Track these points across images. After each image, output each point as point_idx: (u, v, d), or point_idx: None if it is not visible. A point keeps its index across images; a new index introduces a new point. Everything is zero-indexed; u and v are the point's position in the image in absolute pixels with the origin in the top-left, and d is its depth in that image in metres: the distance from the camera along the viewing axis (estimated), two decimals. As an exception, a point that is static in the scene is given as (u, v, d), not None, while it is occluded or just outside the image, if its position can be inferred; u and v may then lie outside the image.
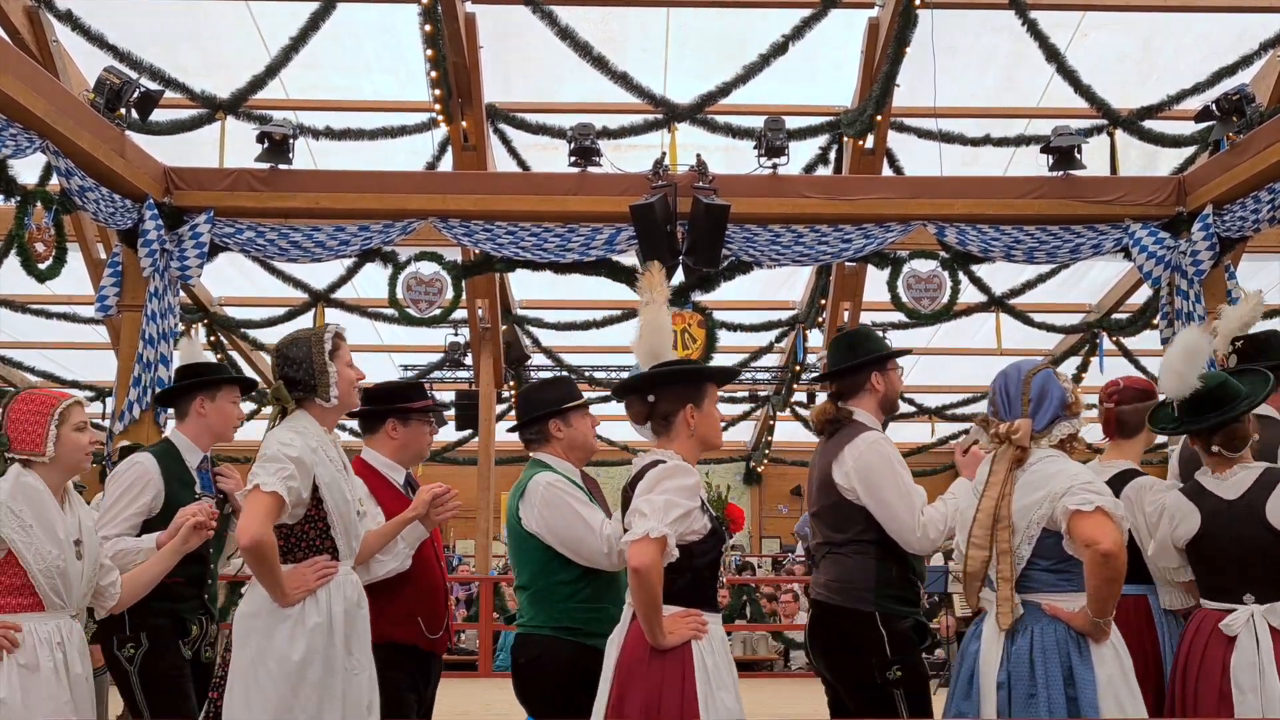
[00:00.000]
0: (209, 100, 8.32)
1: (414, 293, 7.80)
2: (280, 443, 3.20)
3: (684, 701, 2.95)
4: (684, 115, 8.57)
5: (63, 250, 6.50)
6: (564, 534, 3.60)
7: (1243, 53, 8.29)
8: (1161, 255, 7.50)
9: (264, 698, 3.09)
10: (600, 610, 3.60)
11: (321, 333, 3.42)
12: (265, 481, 3.11)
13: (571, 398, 3.88)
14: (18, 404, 3.29)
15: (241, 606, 3.24)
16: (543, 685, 3.62)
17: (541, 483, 3.65)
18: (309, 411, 3.36)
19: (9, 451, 3.25)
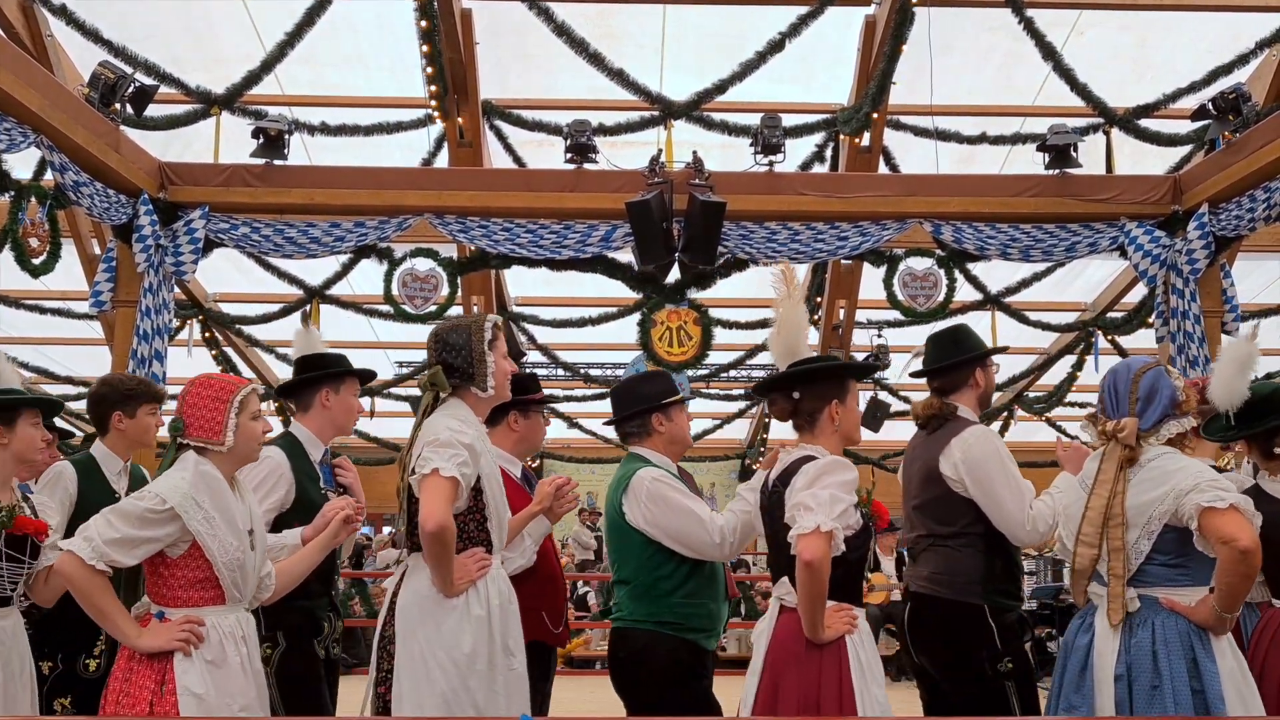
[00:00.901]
0: (204, 95, 8.29)
1: (409, 289, 7.79)
2: (450, 429, 3.14)
3: (841, 695, 2.98)
4: (680, 112, 8.56)
5: (57, 245, 6.48)
6: (673, 528, 3.60)
7: (1239, 51, 8.29)
8: (1157, 254, 7.51)
9: (434, 689, 3.05)
10: (701, 605, 3.63)
11: (481, 321, 3.35)
12: (444, 466, 3.04)
13: (673, 392, 3.87)
14: (197, 388, 3.11)
15: (402, 599, 3.16)
16: (645, 680, 3.60)
17: (646, 478, 3.65)
18: (464, 400, 3.29)
19: (184, 437, 3.07)
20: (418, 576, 3.16)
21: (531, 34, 8.52)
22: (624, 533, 3.69)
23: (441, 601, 3.11)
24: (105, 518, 2.92)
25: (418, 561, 3.19)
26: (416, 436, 3.23)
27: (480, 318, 3.37)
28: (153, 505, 2.93)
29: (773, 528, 3.24)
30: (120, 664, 2.99)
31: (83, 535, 2.90)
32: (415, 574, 3.17)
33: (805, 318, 3.48)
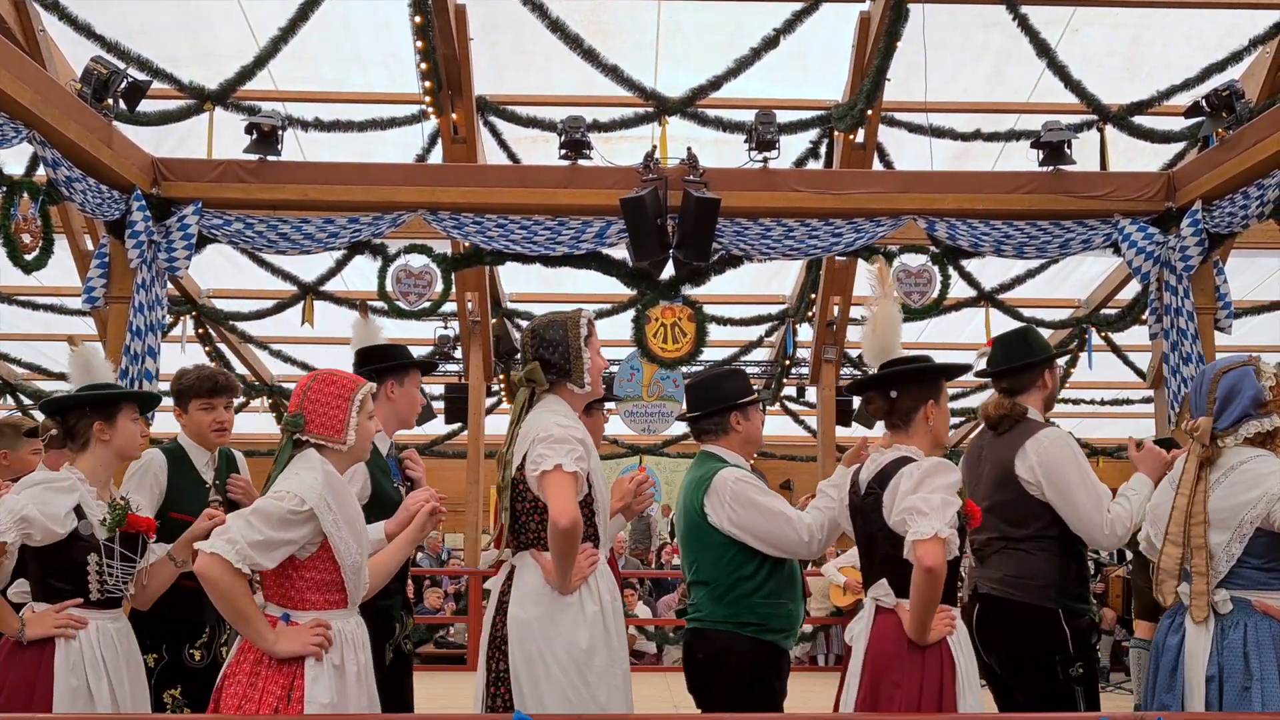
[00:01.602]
0: (197, 91, 8.27)
1: (403, 285, 7.78)
2: (560, 425, 3.11)
3: (943, 696, 3.00)
4: (675, 108, 8.55)
5: (49, 241, 6.47)
6: (760, 528, 3.58)
7: (1232, 48, 8.30)
8: (1150, 251, 7.52)
9: (555, 687, 3.03)
10: (781, 606, 3.62)
11: (577, 317, 3.33)
12: (565, 462, 3.01)
13: (750, 391, 3.85)
14: (319, 384, 3.02)
15: (515, 598, 3.12)
16: (725, 681, 3.57)
17: (730, 478, 3.62)
18: (561, 396, 3.27)
19: (304, 433, 2.99)
20: (528, 575, 3.13)
21: (526, 30, 8.50)
22: (704, 533, 3.65)
23: (556, 599, 3.09)
24: (246, 519, 2.83)
25: (525, 560, 3.17)
26: (517, 433, 3.20)
27: (576, 313, 3.36)
28: (294, 506, 2.85)
29: (868, 529, 3.23)
30: (244, 666, 2.88)
31: (224, 537, 2.80)
32: (524, 572, 3.15)
33: (899, 316, 3.44)
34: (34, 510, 3.18)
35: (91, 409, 3.39)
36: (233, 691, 2.86)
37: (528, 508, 3.16)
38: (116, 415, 3.41)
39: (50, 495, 3.24)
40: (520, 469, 3.14)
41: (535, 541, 3.15)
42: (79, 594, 3.30)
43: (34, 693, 3.14)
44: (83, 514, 3.28)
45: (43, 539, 3.21)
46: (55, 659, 3.20)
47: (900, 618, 3.07)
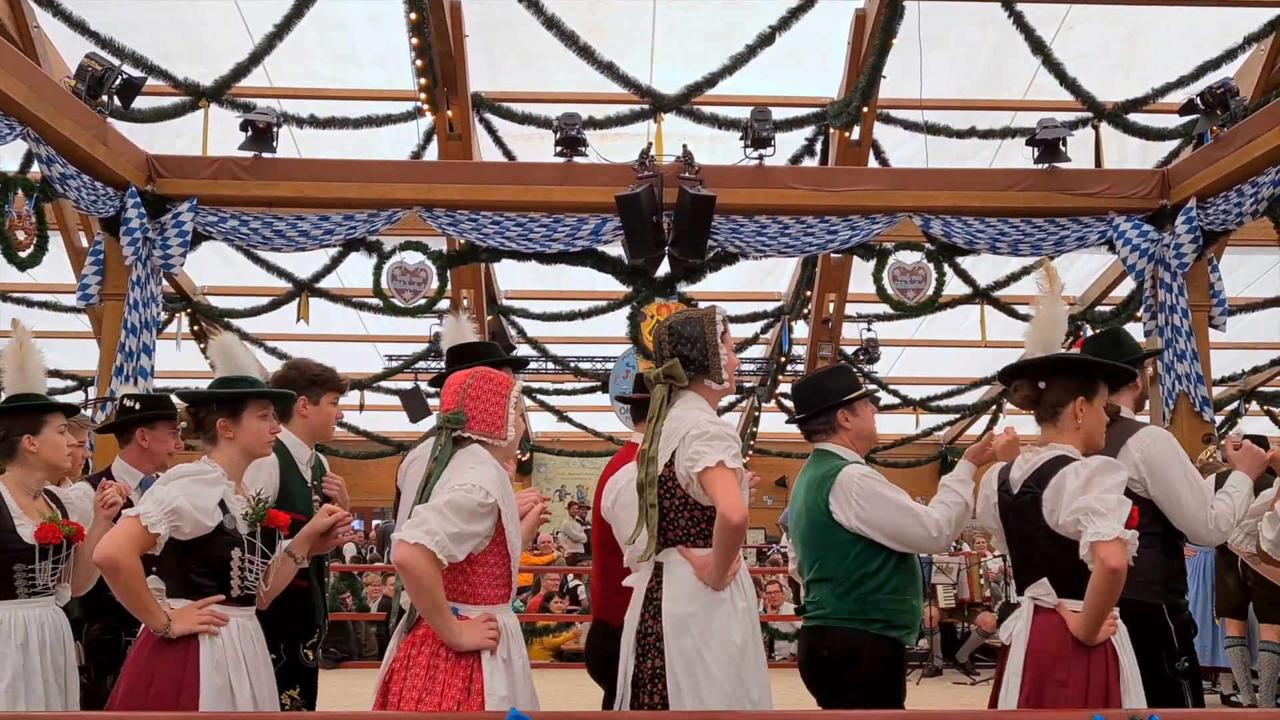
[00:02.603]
0: (192, 88, 8.25)
1: (399, 282, 7.78)
2: (713, 422, 3.11)
3: (1109, 693, 3.01)
4: (670, 106, 8.56)
5: (44, 238, 6.46)
6: (888, 524, 3.57)
7: (1227, 46, 8.31)
8: (1145, 248, 7.53)
9: (714, 684, 3.03)
10: (905, 602, 3.61)
11: (712, 313, 3.32)
12: (727, 459, 3.01)
13: (856, 387, 3.83)
14: (478, 380, 3.07)
15: (668, 595, 3.12)
16: (853, 679, 3.55)
17: (855, 475, 3.61)
18: (698, 393, 3.26)
19: (464, 430, 3.03)
20: (679, 571, 3.13)
21: (521, 27, 8.50)
22: (828, 530, 3.64)
23: (710, 595, 3.08)
24: (439, 511, 2.84)
25: (673, 556, 3.16)
26: (659, 430, 3.18)
27: (711, 310, 3.35)
28: (481, 499, 2.87)
29: (1024, 528, 3.19)
30: (420, 660, 2.90)
31: (423, 528, 2.79)
32: (675, 569, 3.13)
33: (1064, 315, 3.41)
34: (185, 502, 3.12)
35: (218, 405, 3.36)
36: (411, 685, 2.87)
37: (677, 504, 3.16)
38: (241, 412, 3.36)
39: (199, 487, 3.19)
40: (669, 465, 3.14)
41: (684, 538, 3.16)
42: (221, 590, 3.24)
43: (181, 691, 3.09)
44: (226, 508, 3.24)
45: (191, 532, 3.15)
46: (200, 656, 3.14)
47: (1063, 617, 3.06)
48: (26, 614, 3.50)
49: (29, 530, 3.53)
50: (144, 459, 4.12)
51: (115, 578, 3.04)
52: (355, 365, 13.19)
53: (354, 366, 13.16)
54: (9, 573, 3.49)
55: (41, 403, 3.70)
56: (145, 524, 3.04)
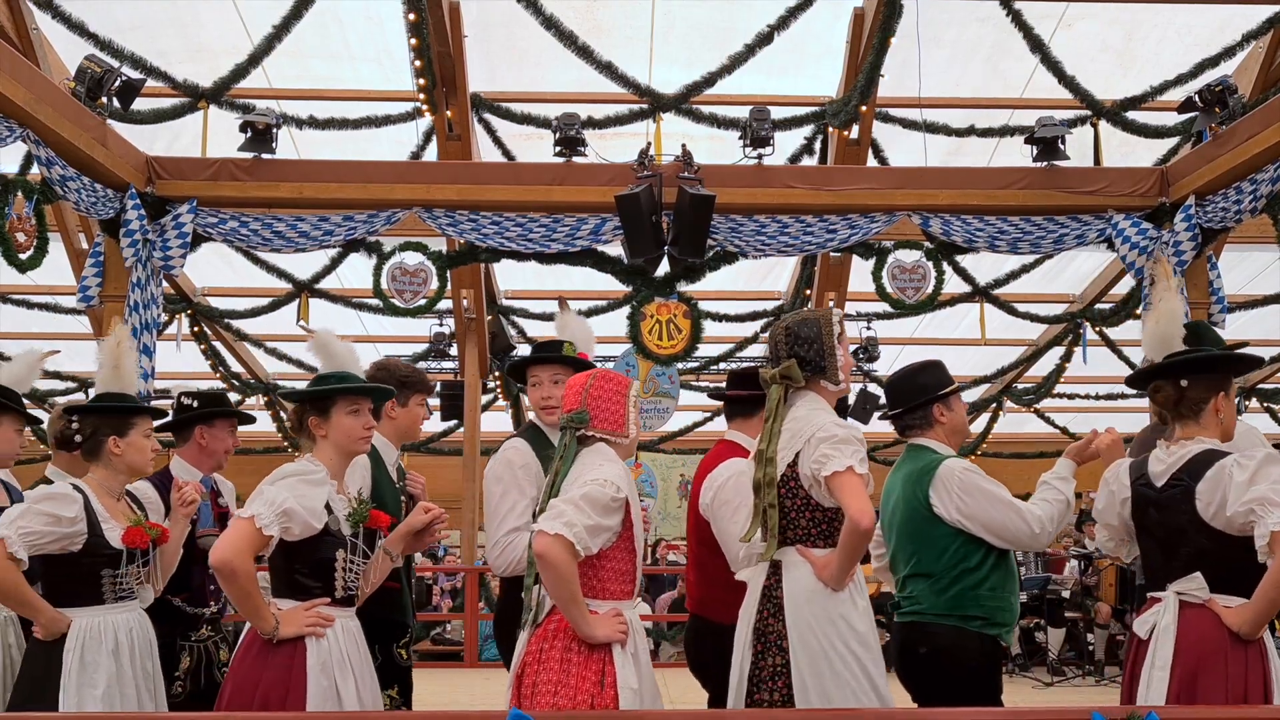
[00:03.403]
0: (191, 89, 8.26)
1: (399, 283, 7.78)
2: (840, 425, 3.13)
3: (1266, 687, 3.03)
4: (669, 105, 8.56)
5: (44, 240, 6.46)
6: (990, 518, 3.55)
7: (1225, 44, 8.32)
8: (1144, 246, 7.54)
9: (840, 681, 3.05)
10: (1004, 599, 3.60)
11: (829, 314, 3.34)
12: (856, 464, 3.04)
13: (949, 382, 3.83)
14: (600, 381, 3.16)
15: (790, 593, 3.13)
16: (954, 677, 3.52)
17: (956, 469, 3.60)
18: (815, 393, 3.27)
19: (588, 429, 3.11)
20: (800, 571, 3.14)
21: (520, 27, 8.51)
22: (927, 524, 3.61)
23: (831, 594, 3.10)
24: (575, 504, 2.90)
25: (792, 555, 3.17)
26: (778, 430, 3.20)
27: (827, 311, 3.37)
28: (614, 494, 2.95)
29: (1171, 522, 3.19)
30: (554, 654, 2.97)
31: (561, 519, 2.86)
32: (795, 569, 3.15)
33: (1182, 309, 3.45)
34: (295, 503, 3.10)
35: (309, 403, 3.35)
36: (546, 678, 2.94)
37: (798, 505, 3.17)
38: (331, 409, 3.33)
39: (306, 488, 3.17)
40: (792, 466, 3.16)
41: (804, 538, 3.17)
42: (325, 592, 3.22)
43: (288, 693, 3.07)
44: (330, 509, 3.22)
45: (300, 533, 3.13)
46: (307, 659, 3.12)
47: (1215, 612, 3.07)
48: (115, 619, 3.43)
49: (116, 534, 3.45)
50: (203, 457, 4.07)
51: (232, 581, 3.03)
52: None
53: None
54: (97, 578, 3.42)
55: (130, 405, 3.61)
56: (259, 526, 3.03)
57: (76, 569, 3.40)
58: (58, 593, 3.39)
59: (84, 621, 3.38)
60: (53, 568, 3.39)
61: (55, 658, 3.33)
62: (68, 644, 3.34)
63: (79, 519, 3.38)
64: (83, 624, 3.37)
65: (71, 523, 3.36)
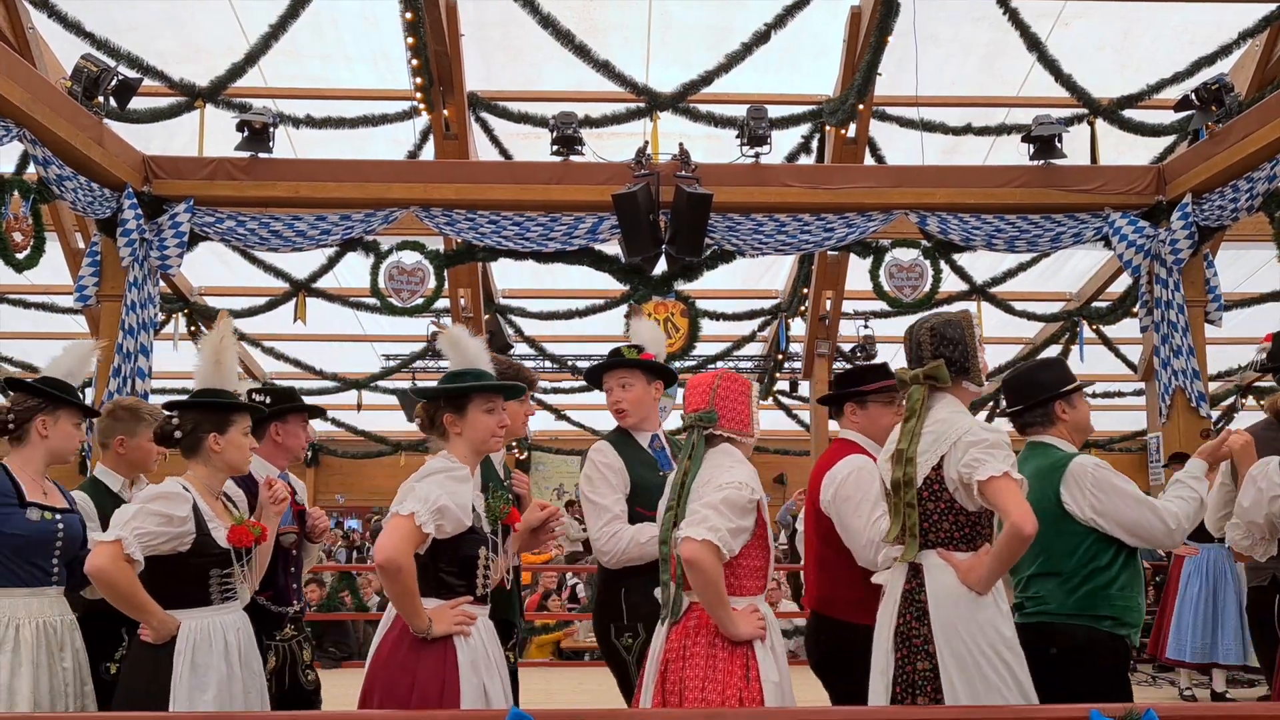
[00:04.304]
0: (188, 88, 8.25)
1: (396, 282, 7.78)
2: (987, 428, 3.13)
3: None
4: (666, 104, 8.56)
5: (41, 240, 6.45)
6: (1125, 516, 3.53)
7: (1221, 42, 8.33)
8: (1141, 244, 7.55)
9: (989, 684, 3.03)
10: (1132, 599, 3.58)
11: (969, 316, 3.35)
12: (1011, 470, 3.01)
13: (1071, 379, 3.79)
14: (725, 382, 3.27)
15: (934, 596, 3.13)
16: (1085, 678, 3.50)
17: (1089, 465, 3.56)
18: (956, 395, 3.27)
19: (715, 429, 3.20)
20: (943, 575, 3.12)
21: (517, 26, 8.51)
22: (1057, 522, 3.54)
23: (975, 599, 3.09)
24: (718, 509, 3.00)
25: (932, 559, 3.16)
26: (919, 431, 3.19)
27: (967, 313, 3.38)
28: (750, 496, 3.06)
29: None
30: (699, 649, 3.06)
31: (705, 525, 2.96)
32: (938, 572, 3.13)
33: None
34: (448, 500, 3.09)
35: (445, 401, 3.32)
36: (692, 674, 3.04)
37: (942, 508, 3.16)
38: (467, 406, 3.29)
39: (455, 485, 3.15)
40: (936, 468, 3.15)
41: (945, 541, 3.16)
42: (469, 590, 3.21)
43: (444, 691, 3.06)
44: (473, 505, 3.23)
45: (452, 530, 3.11)
46: (459, 657, 3.11)
47: None
48: (223, 621, 3.35)
49: (221, 533, 3.37)
50: (278, 453, 4.01)
51: (395, 579, 3.00)
52: (352, 365, 13.20)
53: (351, 366, 13.16)
54: (205, 578, 3.33)
55: (230, 402, 3.50)
56: (418, 523, 3.02)
57: (185, 570, 3.29)
58: (165, 594, 3.26)
59: (193, 623, 3.28)
60: (160, 569, 3.25)
61: (165, 662, 3.22)
62: (178, 647, 3.24)
63: (189, 518, 3.29)
64: (192, 626, 3.27)
65: (183, 522, 3.27)
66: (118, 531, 3.16)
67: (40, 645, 3.41)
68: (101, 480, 4.03)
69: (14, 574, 3.43)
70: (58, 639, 3.47)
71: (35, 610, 3.45)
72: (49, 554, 3.51)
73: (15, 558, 3.44)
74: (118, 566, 3.12)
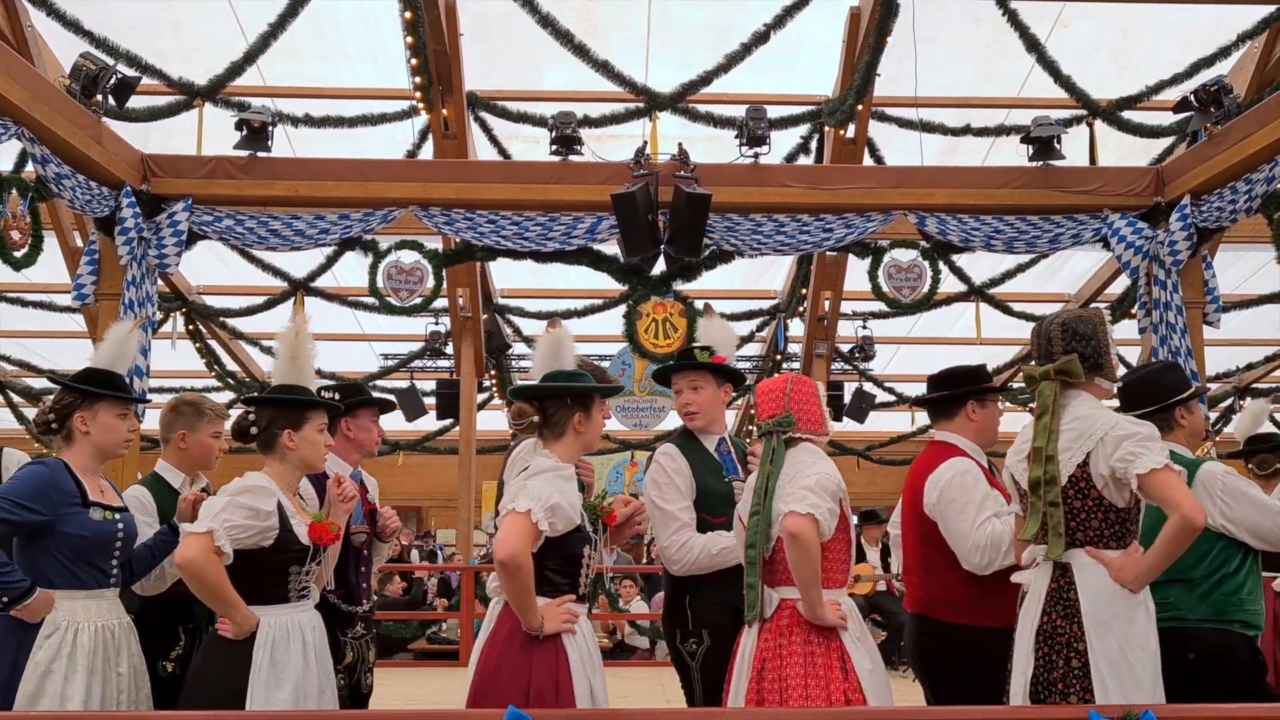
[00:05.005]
0: (186, 87, 8.24)
1: (394, 281, 7.77)
2: (1136, 422, 3.15)
3: None
4: (665, 104, 8.56)
5: (39, 238, 6.44)
6: (1253, 521, 3.55)
7: (1220, 44, 8.33)
8: (1140, 245, 7.54)
9: (1139, 684, 3.03)
10: (1258, 603, 3.61)
11: (1101, 314, 3.38)
12: (1171, 461, 3.04)
13: (1188, 385, 3.83)
14: (798, 385, 3.40)
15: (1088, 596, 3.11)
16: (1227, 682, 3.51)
17: (1218, 471, 3.60)
18: (1089, 392, 3.28)
19: (794, 431, 3.32)
20: (1093, 573, 3.11)
21: (516, 25, 8.50)
22: None
23: (1128, 598, 3.08)
24: (813, 490, 3.14)
25: (1081, 557, 3.14)
26: (1055, 427, 3.18)
27: (1099, 311, 3.41)
28: (839, 483, 3.24)
29: None
30: (796, 644, 3.15)
31: (807, 502, 3.09)
32: (1088, 571, 3.12)
33: None
34: (560, 498, 3.11)
35: (574, 400, 3.34)
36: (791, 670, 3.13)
37: (1089, 505, 3.14)
38: (592, 407, 3.38)
39: (564, 483, 3.19)
40: (1082, 466, 3.13)
41: (1095, 539, 3.14)
42: (572, 588, 3.23)
43: (558, 689, 3.08)
44: None
45: (563, 529, 3.13)
46: (569, 655, 3.14)
47: None
48: (300, 618, 3.33)
49: (302, 530, 3.34)
50: (350, 449, 4.01)
51: (515, 576, 3.01)
52: (351, 364, 13.19)
53: (350, 366, 13.16)
54: (285, 575, 3.30)
55: (306, 398, 3.47)
56: (534, 520, 3.04)
57: (266, 565, 3.26)
58: (244, 590, 3.22)
59: (272, 620, 3.25)
60: (242, 564, 3.21)
61: (243, 657, 3.18)
62: (257, 642, 3.20)
63: (274, 513, 3.26)
64: (271, 622, 3.24)
65: (268, 516, 3.24)
66: (208, 523, 3.12)
67: (97, 651, 3.34)
68: (163, 476, 3.98)
69: (74, 576, 3.37)
70: (115, 644, 3.42)
71: (95, 614, 3.38)
72: (109, 555, 3.45)
73: (76, 559, 3.37)
74: (208, 559, 3.09)
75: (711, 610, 3.65)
